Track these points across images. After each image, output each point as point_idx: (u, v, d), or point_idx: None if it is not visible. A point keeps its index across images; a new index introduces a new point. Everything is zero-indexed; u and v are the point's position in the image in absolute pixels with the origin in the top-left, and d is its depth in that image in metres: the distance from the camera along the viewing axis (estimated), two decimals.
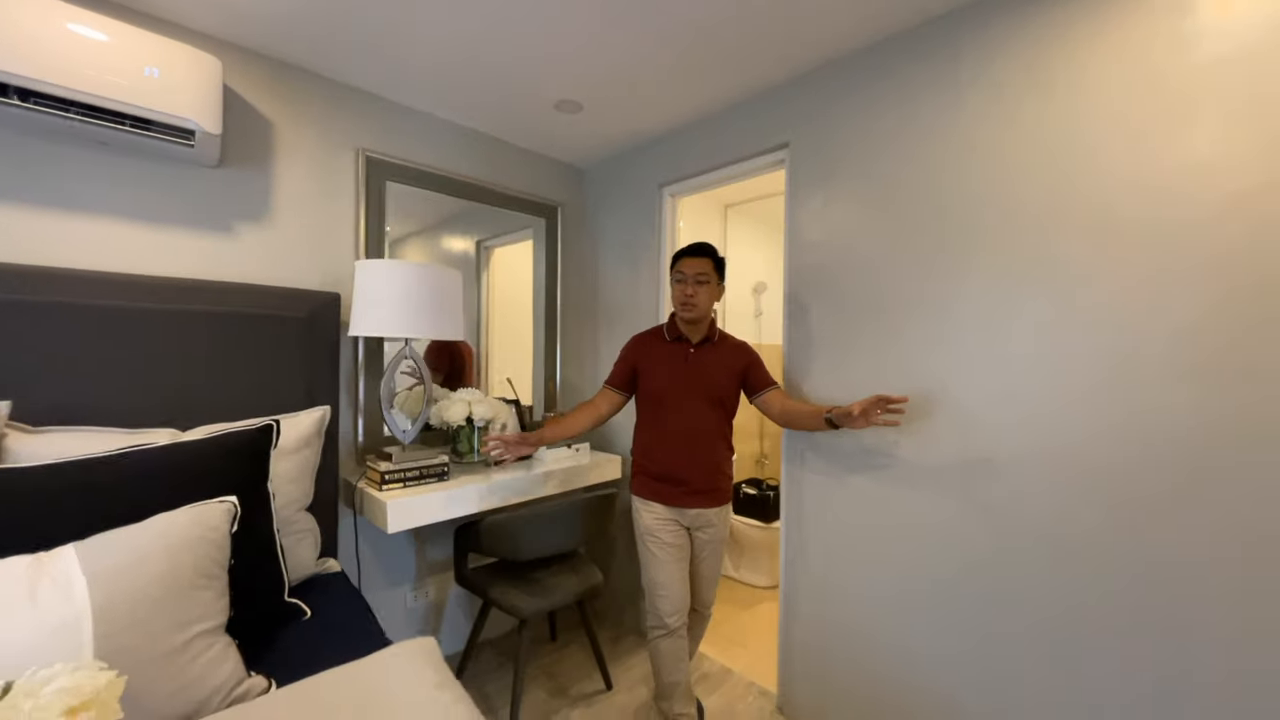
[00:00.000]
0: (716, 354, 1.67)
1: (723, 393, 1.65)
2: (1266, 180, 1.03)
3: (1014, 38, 1.33)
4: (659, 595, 1.61)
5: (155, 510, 1.03)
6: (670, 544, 1.62)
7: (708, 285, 1.60)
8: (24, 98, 1.22)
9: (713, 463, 1.65)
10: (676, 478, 1.63)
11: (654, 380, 1.67)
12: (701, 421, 1.64)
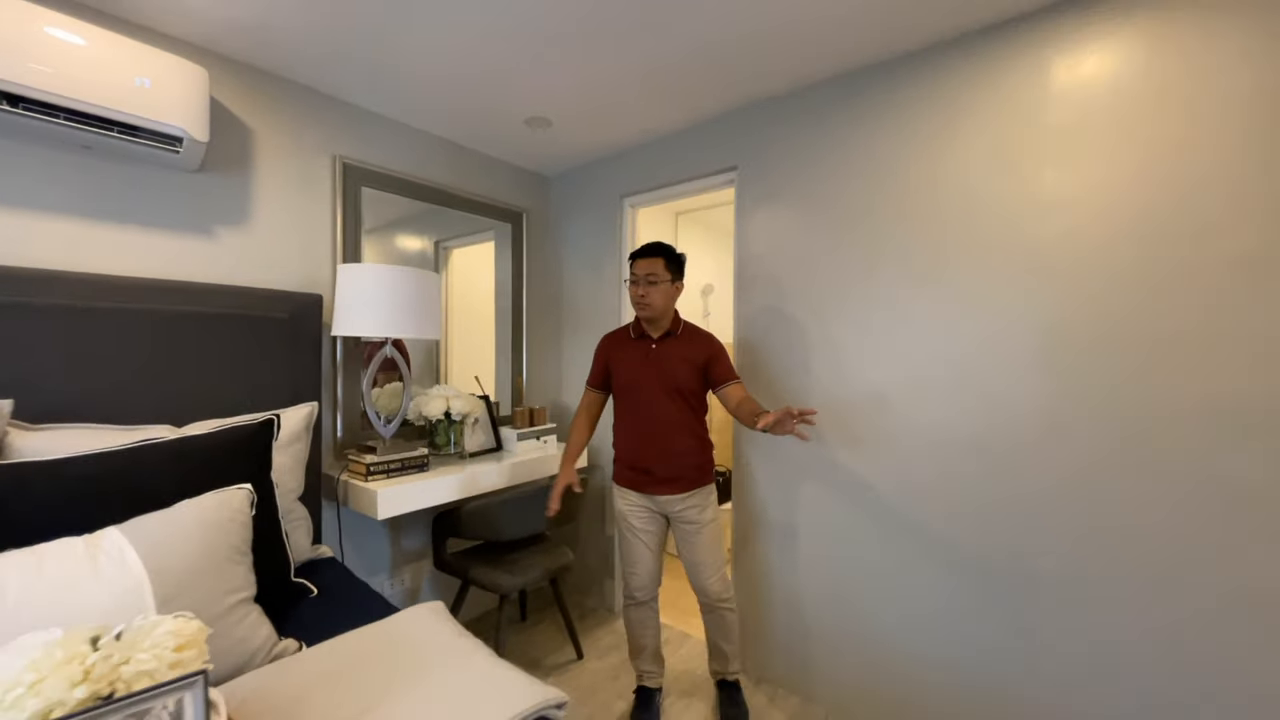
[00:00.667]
0: (678, 347, 1.74)
1: (682, 384, 1.71)
2: (1096, 211, 1.37)
3: (920, 93, 1.63)
4: (629, 572, 1.80)
5: (171, 498, 1.12)
6: (640, 528, 1.77)
7: (659, 284, 1.68)
8: (13, 103, 1.25)
9: (677, 451, 1.72)
10: (643, 467, 1.74)
11: (621, 375, 1.80)
12: (664, 412, 1.72)
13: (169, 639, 0.73)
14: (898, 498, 1.69)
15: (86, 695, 0.65)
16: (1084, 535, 1.40)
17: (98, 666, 0.67)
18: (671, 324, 1.77)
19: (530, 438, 2.32)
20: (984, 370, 1.54)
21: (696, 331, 1.80)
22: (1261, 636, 1.20)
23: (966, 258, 1.56)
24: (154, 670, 0.70)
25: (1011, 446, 1.50)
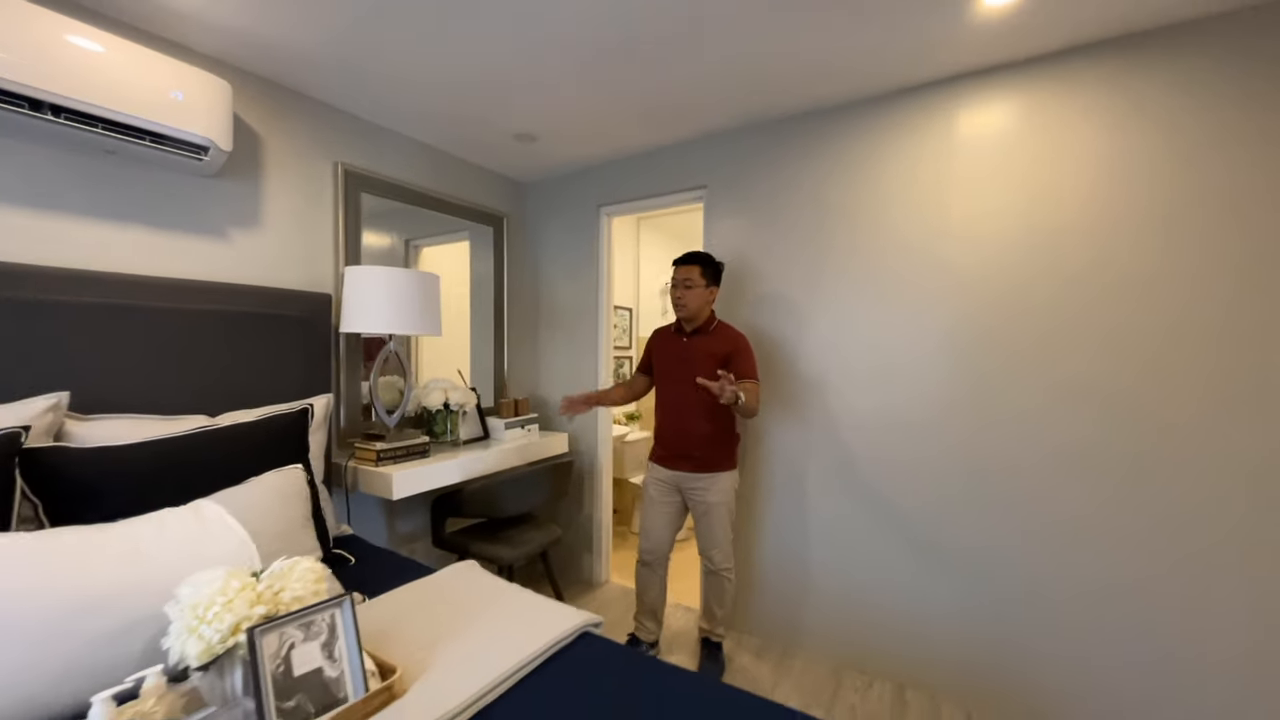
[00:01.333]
0: (706, 343, 1.93)
1: (706, 372, 1.78)
2: (984, 238, 1.78)
3: (857, 135, 2.00)
4: (643, 536, 2.06)
5: (229, 477, 1.27)
6: (656, 499, 2.03)
7: (694, 288, 1.90)
8: (33, 106, 1.32)
9: (693, 434, 1.92)
10: (667, 443, 2.01)
11: (659, 364, 2.07)
12: (687, 399, 1.90)
13: (309, 574, 0.92)
14: (839, 465, 2.06)
15: (263, 613, 0.84)
16: (971, 478, 1.81)
17: (265, 593, 0.86)
18: (705, 323, 1.98)
19: (516, 426, 2.52)
20: (903, 361, 1.93)
21: (727, 330, 1.98)
22: (1076, 543, 1.65)
23: (892, 271, 1.94)
24: (303, 596, 0.90)
25: (923, 420, 1.89)
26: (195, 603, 0.81)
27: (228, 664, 0.81)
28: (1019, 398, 1.75)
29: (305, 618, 0.86)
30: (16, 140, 1.37)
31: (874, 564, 2.00)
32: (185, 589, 0.83)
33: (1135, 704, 1.62)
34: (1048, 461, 1.71)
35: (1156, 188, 1.57)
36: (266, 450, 1.41)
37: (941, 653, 1.89)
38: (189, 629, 0.79)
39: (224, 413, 1.57)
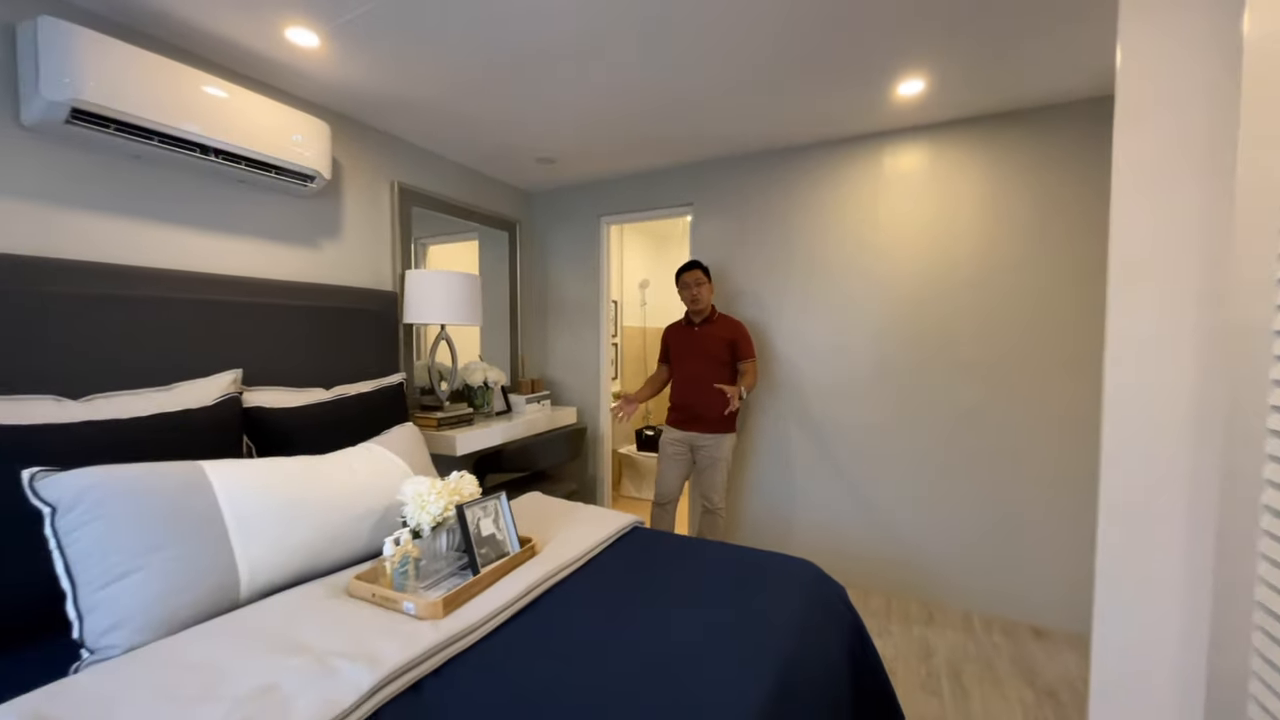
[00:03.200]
0: (714, 329, 2.49)
1: (714, 354, 2.44)
2: (902, 253, 2.43)
3: (811, 168, 2.60)
4: (659, 483, 2.59)
5: (365, 430, 1.73)
6: (671, 454, 2.57)
7: (703, 286, 2.45)
8: (205, 151, 1.72)
9: (701, 401, 2.44)
10: (683, 410, 2.54)
11: (675, 348, 2.60)
12: (700, 373, 2.45)
13: (472, 482, 1.43)
14: (805, 423, 2.69)
15: (458, 501, 1.34)
16: (893, 430, 2.48)
17: (454, 491, 1.36)
18: (710, 313, 2.53)
19: (534, 401, 3.01)
20: (848, 344, 2.57)
21: (727, 319, 2.54)
22: (961, 479, 2.35)
23: (839, 274, 2.57)
24: (473, 493, 1.40)
25: (862, 390, 2.54)
26: (419, 493, 1.30)
27: (440, 530, 1.31)
28: (927, 372, 2.42)
29: (483, 502, 1.36)
30: (178, 173, 1.75)
31: (831, 498, 2.65)
32: (408, 487, 1.32)
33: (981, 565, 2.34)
34: (947, 418, 2.40)
35: (1017, 216, 2.25)
36: (380, 411, 1.87)
37: (868, 558, 2.56)
38: (420, 508, 1.28)
39: (334, 386, 2.00)
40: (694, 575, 1.39)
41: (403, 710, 0.87)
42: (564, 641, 1.08)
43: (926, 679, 1.98)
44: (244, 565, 1.13)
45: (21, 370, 1.34)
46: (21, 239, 1.42)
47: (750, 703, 0.91)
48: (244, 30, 1.64)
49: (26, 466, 1.06)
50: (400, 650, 0.96)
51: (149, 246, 1.67)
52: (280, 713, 0.80)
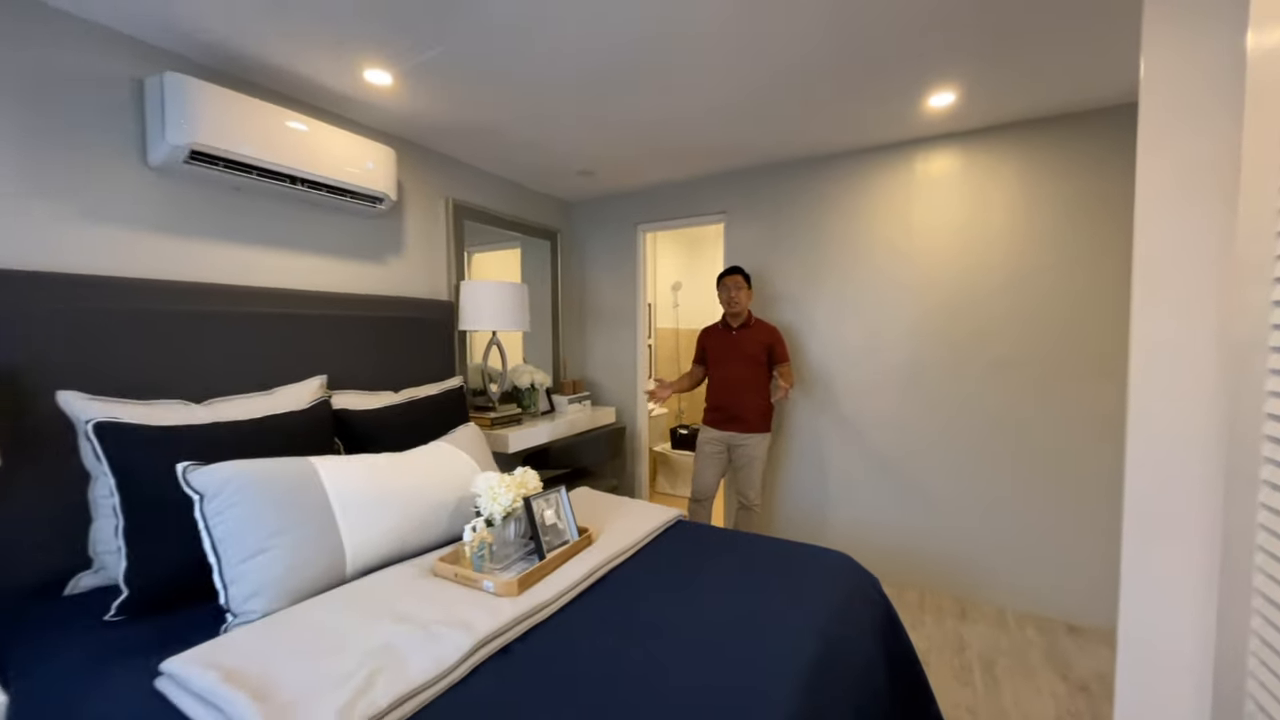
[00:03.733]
0: (751, 334, 2.60)
1: (751, 357, 2.55)
2: (934, 254, 2.49)
3: (845, 175, 2.68)
4: (696, 480, 2.72)
5: (434, 429, 1.91)
6: (709, 453, 2.68)
7: (742, 291, 2.56)
8: (292, 180, 1.92)
9: (742, 403, 2.55)
10: (721, 411, 2.65)
11: (713, 351, 2.71)
12: (738, 376, 2.57)
13: (535, 476, 1.58)
14: (838, 421, 2.77)
15: (524, 494, 1.50)
16: (926, 430, 2.54)
17: (520, 484, 1.52)
18: (748, 318, 2.64)
19: (576, 401, 3.18)
20: (881, 346, 2.64)
21: (763, 324, 2.65)
22: (994, 478, 2.40)
23: (871, 277, 2.65)
24: (535, 488, 1.56)
25: (894, 391, 2.62)
26: (491, 486, 1.46)
27: (509, 520, 1.47)
28: (960, 373, 2.48)
29: (545, 495, 1.52)
30: (269, 201, 1.96)
31: (864, 495, 2.73)
32: (480, 481, 1.48)
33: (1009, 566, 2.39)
34: (982, 418, 2.45)
35: (1049, 220, 2.29)
36: (444, 412, 2.05)
37: (902, 554, 2.64)
38: (492, 499, 1.44)
39: (402, 389, 2.20)
40: (735, 564, 1.52)
41: (497, 668, 1.03)
42: (625, 618, 1.23)
43: (960, 670, 2.05)
44: (349, 547, 1.31)
45: (151, 379, 1.56)
46: (145, 264, 1.65)
47: (792, 672, 1.03)
48: (328, 73, 1.84)
49: (170, 460, 1.26)
50: (489, 620, 1.12)
51: (246, 267, 1.89)
52: (400, 666, 0.97)
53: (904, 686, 1.44)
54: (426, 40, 1.64)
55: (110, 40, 1.56)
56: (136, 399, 1.45)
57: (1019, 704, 1.87)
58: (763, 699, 0.96)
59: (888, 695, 1.32)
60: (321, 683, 0.91)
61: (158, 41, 1.63)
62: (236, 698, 0.86)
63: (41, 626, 1.19)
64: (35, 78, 1.43)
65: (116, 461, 1.24)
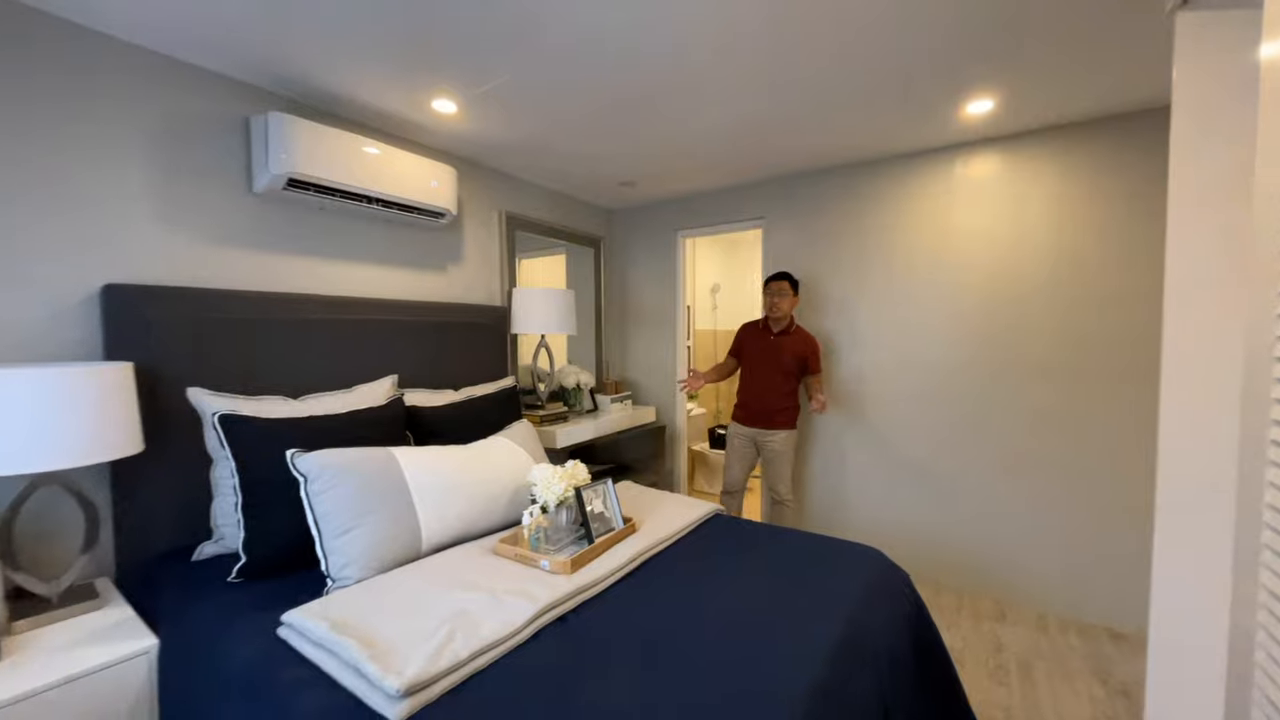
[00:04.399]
0: (789, 341, 2.68)
1: (786, 365, 2.65)
2: (971, 255, 2.50)
3: (886, 178, 2.72)
4: (726, 473, 2.84)
5: (491, 424, 2.09)
6: (738, 448, 2.81)
7: (785, 297, 2.63)
8: (368, 200, 2.14)
9: (771, 405, 2.69)
10: (751, 409, 2.78)
11: (748, 352, 2.82)
12: (769, 380, 2.69)
13: (583, 470, 1.73)
14: (876, 428, 2.82)
15: (574, 485, 1.65)
16: (964, 432, 2.56)
17: (571, 476, 1.67)
18: (789, 324, 2.72)
19: (618, 401, 3.33)
20: (918, 348, 2.67)
21: (803, 332, 2.72)
22: (1035, 482, 2.39)
23: (910, 281, 2.68)
24: (584, 479, 1.70)
25: (933, 392, 2.64)
26: (545, 477, 1.62)
27: (562, 508, 1.63)
28: (999, 375, 2.49)
29: (594, 486, 1.67)
30: (346, 219, 2.19)
31: (901, 497, 2.77)
32: (536, 472, 1.64)
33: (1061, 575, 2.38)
34: (1022, 421, 2.46)
35: (1090, 223, 2.28)
36: (499, 409, 2.24)
37: (939, 555, 2.66)
38: (547, 488, 1.60)
39: (461, 388, 2.40)
40: (770, 554, 1.62)
41: (557, 632, 1.18)
42: (668, 598, 1.36)
43: (995, 670, 2.08)
44: (424, 526, 1.50)
45: (256, 377, 1.80)
46: (250, 279, 1.89)
47: (820, 650, 1.14)
48: (401, 104, 2.05)
49: (279, 447, 1.48)
50: (547, 593, 1.27)
51: (329, 278, 2.12)
52: (474, 625, 1.13)
53: (934, 678, 1.51)
54: (489, 73, 1.82)
55: (225, 86, 1.81)
56: (244, 395, 1.69)
57: (1056, 706, 1.89)
58: (789, 667, 1.07)
59: (916, 682, 1.40)
60: (411, 636, 1.08)
61: (261, 84, 1.88)
62: (347, 643, 1.04)
63: (178, 586, 1.42)
64: (167, 122, 1.68)
65: (237, 448, 1.47)
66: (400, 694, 0.93)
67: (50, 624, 1.32)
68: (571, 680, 1.03)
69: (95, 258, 1.55)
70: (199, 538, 1.62)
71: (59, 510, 1.46)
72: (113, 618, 1.36)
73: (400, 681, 0.94)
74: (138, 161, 1.62)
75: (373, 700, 0.95)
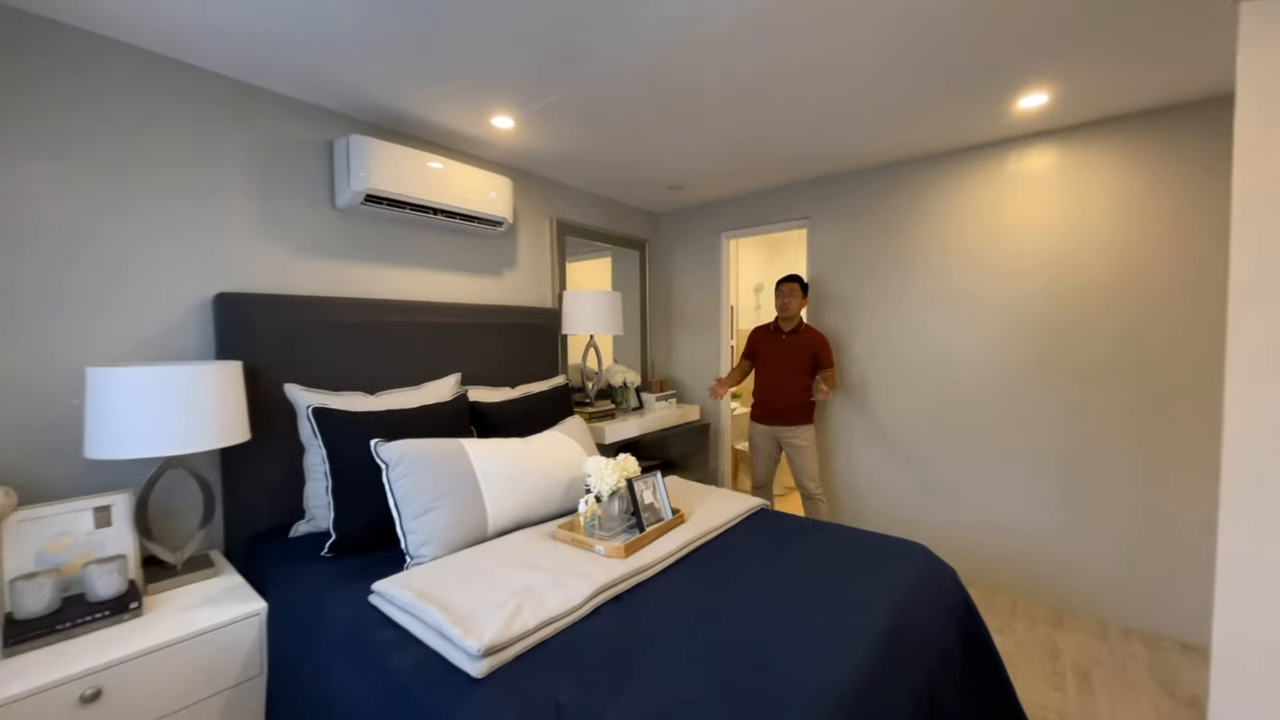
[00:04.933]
0: (800, 339, 2.82)
1: (799, 362, 2.79)
2: (1026, 252, 2.45)
3: (934, 176, 2.69)
4: (754, 472, 2.92)
5: (547, 419, 2.22)
6: (760, 447, 2.91)
7: (795, 299, 2.78)
8: (433, 212, 2.30)
9: (789, 402, 2.80)
10: (768, 408, 2.87)
11: (762, 353, 2.92)
12: (784, 378, 2.82)
13: (633, 463, 1.83)
14: (925, 427, 2.79)
15: (627, 476, 1.75)
16: (1019, 430, 2.50)
17: (623, 468, 1.77)
18: (798, 324, 2.84)
19: (663, 400, 3.42)
20: (969, 345, 2.63)
21: (812, 330, 2.86)
22: (1098, 484, 2.31)
23: (961, 277, 2.64)
24: (635, 471, 1.80)
25: (985, 390, 2.60)
26: (599, 468, 1.72)
27: (614, 498, 1.73)
28: (1057, 373, 2.42)
29: (644, 478, 1.76)
30: (414, 229, 2.37)
31: (950, 496, 2.73)
32: (590, 464, 1.75)
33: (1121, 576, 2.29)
34: (1083, 420, 2.39)
35: (1155, 215, 2.19)
36: (553, 406, 2.37)
37: (991, 558, 2.61)
38: (600, 479, 1.70)
39: (518, 385, 2.55)
40: (815, 546, 1.67)
41: (613, 609, 1.28)
42: (715, 583, 1.43)
43: (1051, 675, 2.04)
44: (490, 511, 1.63)
45: (337, 374, 1.99)
46: (331, 286, 2.09)
47: (865, 637, 1.19)
48: (463, 121, 2.21)
49: (363, 437, 1.65)
50: (603, 574, 1.37)
51: (398, 284, 2.31)
52: (539, 600, 1.24)
53: (983, 674, 1.52)
54: (545, 90, 1.94)
55: (312, 114, 2.01)
56: (329, 390, 1.88)
57: (1115, 714, 1.84)
58: (834, 651, 1.12)
59: (965, 678, 1.42)
60: (484, 605, 1.21)
61: (343, 110, 2.07)
62: (432, 610, 1.17)
63: (280, 558, 1.61)
64: (266, 148, 1.89)
65: (327, 437, 1.64)
66: (480, 654, 1.05)
67: (176, 587, 1.53)
68: (628, 650, 1.13)
69: (210, 271, 1.76)
70: (293, 517, 1.82)
71: (181, 490, 1.68)
72: (226, 584, 1.56)
73: (480, 642, 1.06)
74: (243, 186, 1.84)
75: (456, 659, 1.08)
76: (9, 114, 1.42)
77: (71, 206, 1.52)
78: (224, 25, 1.52)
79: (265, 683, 1.45)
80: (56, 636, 1.25)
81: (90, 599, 1.34)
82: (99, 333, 1.56)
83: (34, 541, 1.37)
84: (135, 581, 1.45)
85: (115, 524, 1.48)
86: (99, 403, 1.35)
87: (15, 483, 1.42)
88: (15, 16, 1.42)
